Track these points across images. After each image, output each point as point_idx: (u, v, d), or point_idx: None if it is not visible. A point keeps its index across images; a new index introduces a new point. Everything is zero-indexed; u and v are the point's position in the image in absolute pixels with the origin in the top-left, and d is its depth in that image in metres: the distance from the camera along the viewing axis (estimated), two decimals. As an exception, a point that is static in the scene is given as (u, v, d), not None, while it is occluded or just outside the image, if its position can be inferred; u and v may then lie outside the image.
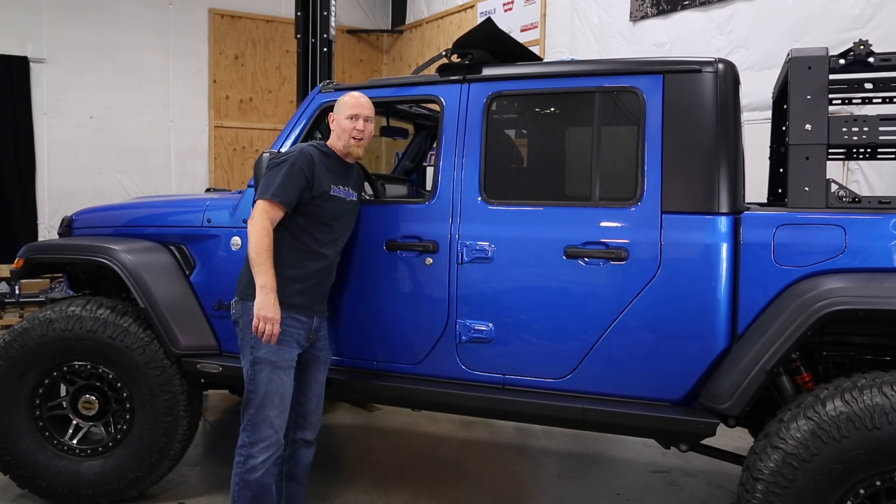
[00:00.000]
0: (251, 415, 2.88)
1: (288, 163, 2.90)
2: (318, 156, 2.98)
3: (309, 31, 5.77)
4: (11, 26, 8.35)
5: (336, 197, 3.01)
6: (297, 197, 2.89)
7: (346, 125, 3.02)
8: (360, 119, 3.02)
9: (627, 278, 2.81)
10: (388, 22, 11.02)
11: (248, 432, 2.89)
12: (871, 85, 3.10)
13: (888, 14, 4.90)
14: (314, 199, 2.94)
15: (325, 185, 2.96)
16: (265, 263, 2.81)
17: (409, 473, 4.20)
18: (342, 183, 3.06)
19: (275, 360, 2.87)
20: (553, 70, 3.13)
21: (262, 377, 2.87)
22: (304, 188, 2.90)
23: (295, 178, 2.88)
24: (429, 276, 3.11)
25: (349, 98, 3.07)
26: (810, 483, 2.38)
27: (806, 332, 2.46)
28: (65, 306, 3.47)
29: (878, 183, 4.93)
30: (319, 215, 2.97)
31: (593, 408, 2.87)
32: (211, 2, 9.57)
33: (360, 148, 3.07)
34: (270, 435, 2.88)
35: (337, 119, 3.06)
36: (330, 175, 3.00)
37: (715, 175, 2.75)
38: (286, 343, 2.90)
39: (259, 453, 2.86)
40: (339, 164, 3.08)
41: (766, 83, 4.25)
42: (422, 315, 3.15)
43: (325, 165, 3.00)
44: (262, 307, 2.78)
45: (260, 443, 2.86)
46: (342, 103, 3.06)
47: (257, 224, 2.84)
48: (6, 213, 8.33)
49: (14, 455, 3.50)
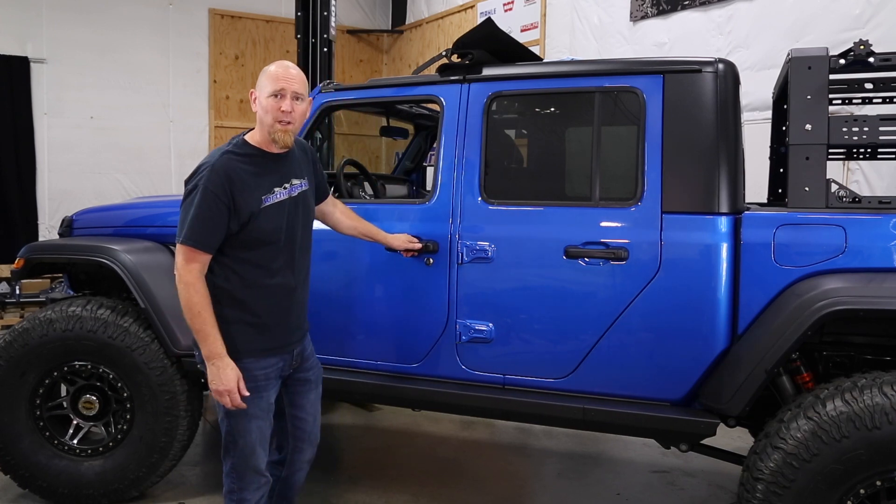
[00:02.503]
0: (233, 464, 2.57)
1: (199, 191, 2.35)
2: (234, 166, 2.40)
3: (309, 31, 5.78)
4: (11, 26, 8.36)
5: (272, 206, 2.46)
6: (219, 232, 2.37)
7: (270, 105, 2.41)
8: (287, 97, 2.42)
9: (627, 278, 2.81)
10: (389, 22, 11.03)
11: (233, 479, 2.59)
12: (871, 85, 3.10)
13: (888, 14, 4.90)
14: (245, 225, 2.40)
15: (252, 202, 2.41)
16: (203, 327, 2.36)
17: (409, 473, 4.20)
18: (279, 183, 2.50)
19: (251, 412, 2.51)
20: (553, 70, 3.13)
21: (239, 430, 2.52)
22: (226, 218, 2.36)
23: (208, 210, 2.34)
24: (429, 276, 3.11)
25: (273, 69, 2.46)
26: (810, 483, 2.38)
27: (806, 332, 2.46)
28: (65, 306, 3.47)
29: (878, 183, 4.93)
30: (257, 238, 2.45)
31: (593, 408, 2.87)
32: (211, 2, 9.58)
33: (288, 134, 2.45)
34: (258, 478, 2.60)
35: (259, 98, 2.46)
36: (258, 182, 2.44)
37: (715, 175, 2.75)
38: (261, 389, 2.53)
39: (251, 494, 2.60)
40: (269, 161, 2.50)
41: (766, 83, 4.25)
42: (422, 315, 3.15)
43: (249, 173, 2.43)
44: (213, 381, 2.39)
45: (249, 487, 2.59)
46: (264, 76, 2.46)
47: (182, 279, 2.35)
48: (6, 213, 8.34)
49: (14, 455, 3.50)
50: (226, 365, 2.39)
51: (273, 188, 2.48)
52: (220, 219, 2.36)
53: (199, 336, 2.39)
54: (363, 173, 4.19)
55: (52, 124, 8.64)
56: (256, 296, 2.49)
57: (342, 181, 3.77)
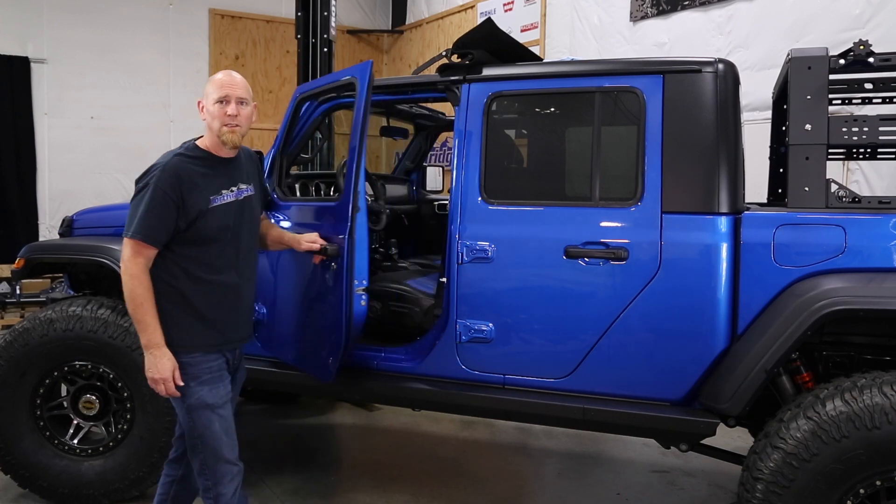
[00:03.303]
0: (203, 460, 2.62)
1: (149, 188, 2.48)
2: (185, 167, 2.53)
3: (309, 31, 5.77)
4: (12, 26, 8.36)
5: (220, 206, 2.58)
6: (167, 228, 2.48)
7: (216, 111, 2.55)
8: (232, 101, 2.55)
9: (627, 278, 2.81)
10: (389, 22, 11.03)
11: (206, 476, 2.64)
12: (871, 85, 3.10)
13: (888, 14, 4.90)
14: (193, 223, 2.52)
15: (200, 201, 2.52)
16: (144, 317, 2.47)
17: (409, 473, 4.20)
18: (226, 185, 2.62)
19: (211, 402, 2.58)
20: (553, 70, 3.13)
21: (202, 422, 2.58)
22: (174, 216, 2.48)
23: (159, 206, 2.46)
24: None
25: (218, 77, 2.60)
26: (810, 483, 2.38)
27: (806, 331, 2.46)
28: (65, 306, 3.48)
29: (878, 183, 4.94)
30: (204, 235, 2.56)
31: (593, 408, 2.88)
32: (211, 2, 9.58)
33: (236, 135, 2.59)
34: (231, 469, 2.63)
35: (206, 106, 2.59)
36: (207, 183, 2.57)
37: (715, 175, 2.75)
38: (216, 380, 2.61)
39: (226, 488, 2.63)
40: (218, 164, 2.63)
41: (766, 83, 4.25)
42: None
43: (199, 174, 2.55)
44: (150, 370, 2.49)
45: (223, 480, 2.63)
46: (210, 84, 2.59)
47: (128, 272, 2.46)
48: (6, 213, 8.34)
49: (15, 455, 3.50)
50: (162, 354, 2.50)
51: (221, 190, 2.61)
52: (169, 216, 2.48)
53: (140, 326, 2.50)
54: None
55: (52, 124, 8.64)
56: (203, 292, 2.59)
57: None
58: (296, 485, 3.91)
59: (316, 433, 4.87)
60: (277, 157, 3.54)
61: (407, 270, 4.17)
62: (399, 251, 4.54)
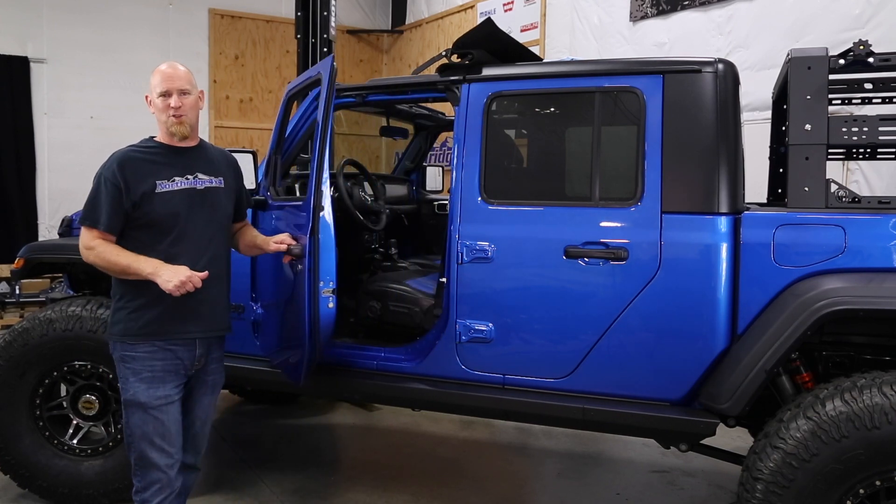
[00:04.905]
0: (135, 459, 2.66)
1: (96, 179, 2.61)
2: (130, 155, 2.63)
3: (309, 31, 5.77)
4: (11, 26, 8.36)
5: (168, 192, 2.62)
6: (116, 213, 2.56)
7: (160, 104, 2.65)
8: (174, 94, 2.64)
9: (627, 278, 2.81)
10: (388, 22, 11.03)
11: (138, 477, 2.67)
12: (871, 85, 3.10)
13: (888, 14, 4.90)
14: (139, 206, 2.58)
15: (144, 185, 2.58)
16: (128, 262, 2.53)
17: (409, 473, 4.20)
18: (180, 173, 2.66)
19: (143, 401, 2.60)
20: (553, 70, 3.13)
21: (135, 420, 2.62)
22: (118, 198, 2.55)
23: (104, 192, 2.56)
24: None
25: (161, 69, 2.68)
26: (810, 483, 2.38)
27: (806, 331, 2.46)
28: (65, 306, 3.48)
29: (878, 183, 4.94)
30: (154, 220, 2.60)
31: (593, 408, 2.88)
32: (211, 2, 9.58)
33: (183, 125, 2.67)
34: (160, 478, 2.64)
35: (152, 99, 2.68)
36: (156, 169, 2.63)
37: (715, 175, 2.75)
38: (157, 380, 2.62)
39: (152, 497, 2.64)
40: (171, 153, 2.69)
41: (766, 83, 4.25)
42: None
43: (147, 161, 2.63)
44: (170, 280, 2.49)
45: (151, 486, 2.64)
46: (153, 77, 2.67)
47: (85, 253, 2.59)
48: (6, 212, 8.34)
49: (14, 455, 3.50)
50: (167, 267, 2.54)
51: (173, 177, 2.66)
52: (114, 200, 2.56)
53: (131, 270, 2.54)
54: (363, 173, 4.20)
55: (52, 124, 8.64)
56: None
57: (342, 181, 3.78)
58: (296, 485, 3.91)
59: (316, 433, 4.87)
60: (272, 157, 3.54)
61: (407, 270, 4.16)
62: (399, 251, 4.53)
